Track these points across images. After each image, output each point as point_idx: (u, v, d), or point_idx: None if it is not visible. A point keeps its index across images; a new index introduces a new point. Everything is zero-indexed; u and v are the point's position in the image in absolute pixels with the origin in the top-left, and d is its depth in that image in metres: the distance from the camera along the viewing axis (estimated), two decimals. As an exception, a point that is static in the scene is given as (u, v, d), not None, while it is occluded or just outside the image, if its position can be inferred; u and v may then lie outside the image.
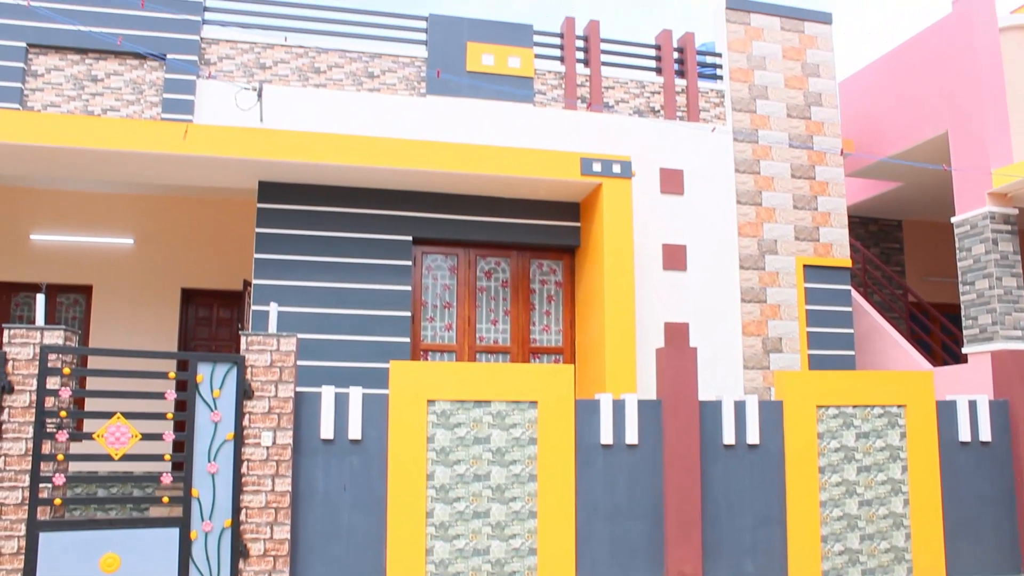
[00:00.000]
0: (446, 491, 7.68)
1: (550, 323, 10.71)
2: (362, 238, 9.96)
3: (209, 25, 10.42)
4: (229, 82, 10.12)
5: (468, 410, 7.80)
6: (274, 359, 7.54)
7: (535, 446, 7.86)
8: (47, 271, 13.21)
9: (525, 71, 11.03)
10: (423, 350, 10.25)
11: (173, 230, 13.40)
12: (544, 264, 10.82)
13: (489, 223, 10.34)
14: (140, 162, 9.47)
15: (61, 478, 7.06)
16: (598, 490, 7.96)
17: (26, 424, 7.11)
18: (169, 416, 7.37)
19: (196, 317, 13.51)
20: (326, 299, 9.79)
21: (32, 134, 8.99)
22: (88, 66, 10.14)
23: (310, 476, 7.62)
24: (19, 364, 7.18)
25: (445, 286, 10.48)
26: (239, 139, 9.22)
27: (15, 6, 9.91)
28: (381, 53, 10.68)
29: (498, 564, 7.65)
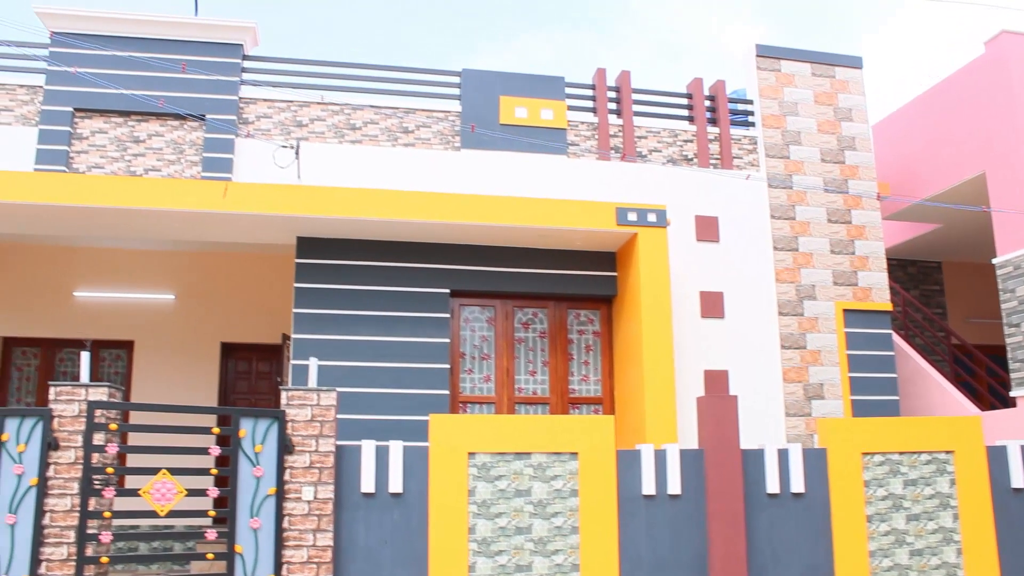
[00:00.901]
0: (488, 544, 7.62)
1: (589, 373, 10.68)
2: (400, 291, 10.03)
3: (247, 85, 10.66)
4: (267, 140, 10.31)
5: (508, 462, 7.77)
6: (314, 413, 7.57)
7: (576, 498, 7.79)
8: (90, 327, 13.42)
9: (558, 123, 11.14)
10: (462, 402, 10.24)
11: (213, 285, 13.59)
12: (581, 314, 10.82)
13: (526, 274, 10.38)
14: (181, 220, 9.65)
15: (108, 536, 7.10)
16: (641, 542, 7.86)
17: (72, 480, 7.18)
18: (213, 472, 7.41)
19: (236, 371, 13.63)
20: (365, 352, 9.84)
21: (78, 195, 9.21)
22: (131, 128, 10.39)
23: (351, 530, 7.60)
24: (65, 421, 7.28)
25: (483, 338, 10.50)
26: (277, 196, 9.37)
27: (62, 73, 10.21)
28: (415, 108, 10.85)
29: (541, 619, 7.57)
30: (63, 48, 10.33)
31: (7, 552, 7.09)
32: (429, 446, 7.68)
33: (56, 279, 13.52)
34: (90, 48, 10.29)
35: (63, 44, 10.34)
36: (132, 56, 10.35)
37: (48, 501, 7.16)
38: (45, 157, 10.07)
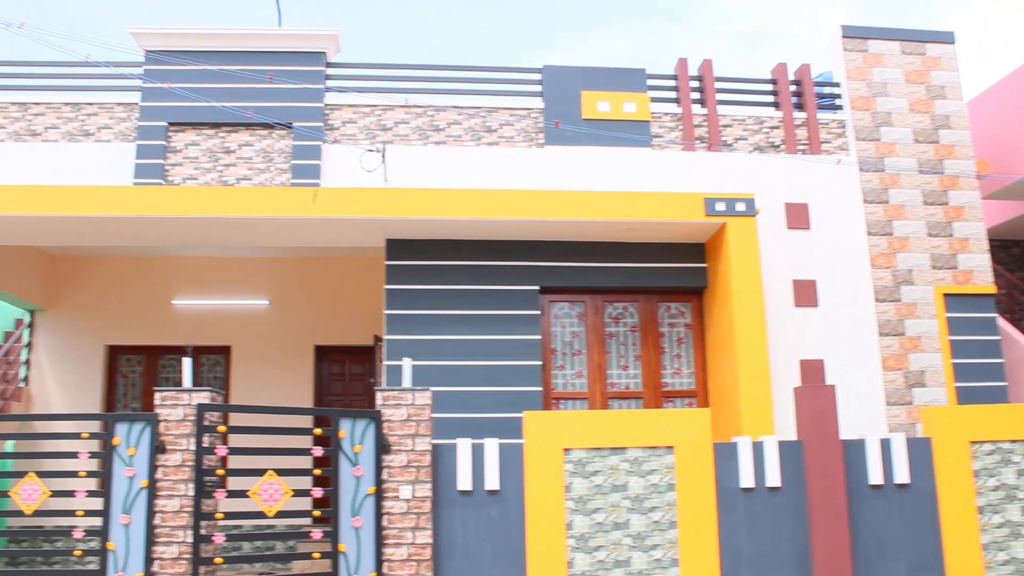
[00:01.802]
0: (585, 540, 7.61)
1: (681, 366, 10.57)
2: (489, 290, 10.09)
3: (331, 92, 10.84)
4: (353, 145, 10.48)
5: (604, 457, 7.74)
6: (410, 413, 7.67)
7: (674, 492, 7.73)
8: (189, 334, 13.85)
9: (641, 115, 11.05)
10: (554, 398, 10.25)
11: (305, 290, 13.88)
12: (672, 307, 10.71)
13: (614, 268, 10.33)
14: (273, 226, 9.87)
15: (221, 537, 7.29)
16: (741, 536, 7.75)
17: (179, 482, 7.42)
18: (316, 472, 7.56)
19: (329, 373, 13.90)
20: (457, 351, 9.93)
21: (174, 207, 9.51)
22: (221, 139, 10.67)
23: (449, 528, 7.68)
24: (170, 425, 7.52)
25: (574, 333, 10.48)
26: (366, 199, 9.52)
27: (156, 89, 10.55)
28: (497, 107, 10.89)
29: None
30: (156, 66, 10.67)
31: (123, 550, 7.37)
32: (524, 443, 7.71)
33: (156, 289, 13.99)
34: (181, 64, 10.61)
35: (156, 62, 10.69)
36: (221, 69, 10.63)
37: (158, 502, 7.40)
38: (143, 171, 10.43)
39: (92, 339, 13.95)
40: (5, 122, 10.80)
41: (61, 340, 13.98)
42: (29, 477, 7.68)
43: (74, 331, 13.98)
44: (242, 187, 10.13)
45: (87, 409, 13.57)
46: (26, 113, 10.85)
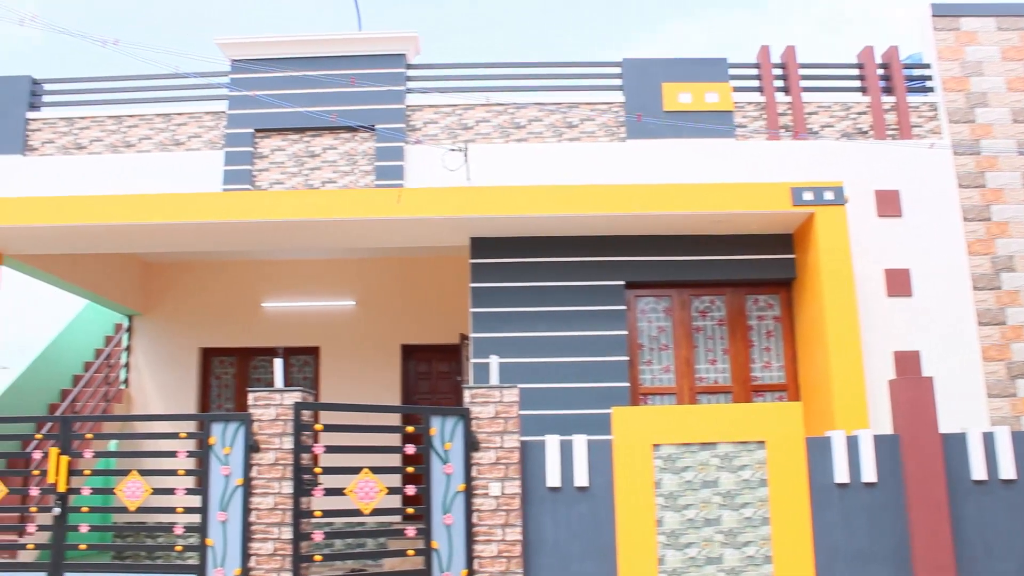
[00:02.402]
0: (676, 537, 7.54)
1: (771, 359, 10.37)
2: (574, 286, 10.06)
3: (412, 93, 10.94)
4: (435, 145, 10.55)
5: (694, 453, 7.66)
6: (498, 410, 7.69)
7: (766, 488, 7.60)
8: (279, 336, 14.16)
9: (724, 105, 10.87)
10: (642, 394, 10.17)
11: (391, 290, 14.07)
12: (760, 299, 10.52)
13: (700, 262, 10.19)
14: (358, 228, 10.02)
15: (320, 534, 7.42)
16: (837, 532, 7.58)
17: (272, 480, 7.58)
18: (409, 470, 7.64)
19: (416, 372, 14.05)
20: (543, 348, 9.93)
21: (263, 211, 9.74)
22: (306, 143, 10.86)
23: (539, 524, 7.68)
24: (264, 424, 7.69)
25: (660, 328, 10.38)
26: (450, 199, 9.59)
27: (242, 97, 10.79)
28: (578, 103, 10.83)
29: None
30: (242, 74, 10.92)
31: (221, 546, 7.57)
32: (613, 439, 7.67)
33: (246, 292, 14.34)
34: (266, 72, 10.84)
35: (242, 70, 10.94)
36: (304, 75, 10.82)
37: (253, 499, 7.58)
38: (231, 177, 10.68)
39: (187, 342, 14.37)
40: (102, 135, 11.18)
41: (158, 343, 14.44)
42: (132, 475, 7.95)
43: (170, 335, 14.42)
44: (328, 190, 10.30)
45: (183, 409, 13.99)
46: (121, 125, 11.22)
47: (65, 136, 11.21)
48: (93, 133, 11.21)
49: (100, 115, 11.28)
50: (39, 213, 9.94)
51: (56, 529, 7.97)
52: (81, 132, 11.22)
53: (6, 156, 11.07)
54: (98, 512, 8.30)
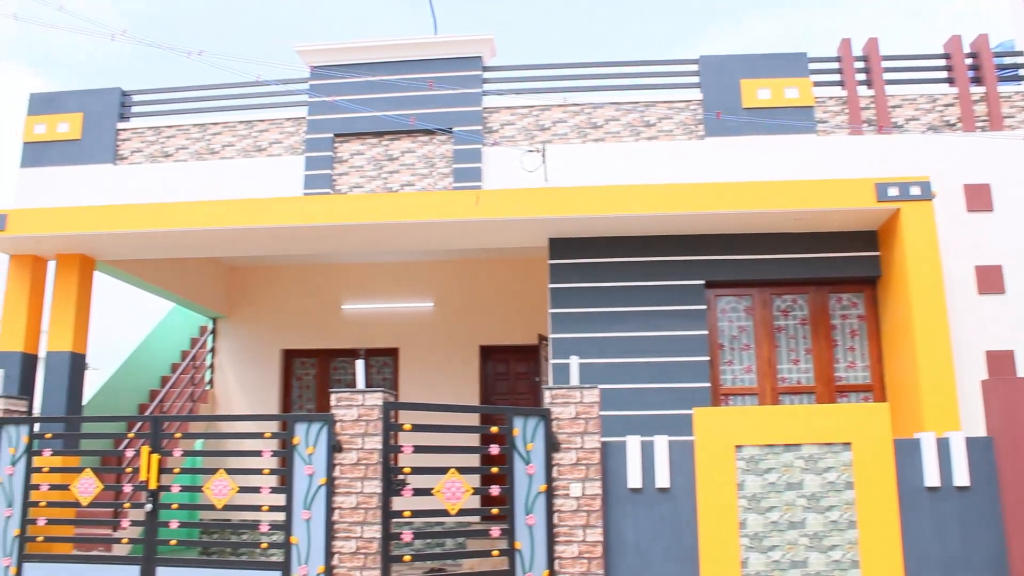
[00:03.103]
0: (760, 539, 7.42)
1: (855, 359, 10.14)
2: (654, 285, 9.98)
3: (489, 95, 10.98)
4: (512, 147, 10.58)
5: (778, 455, 7.52)
6: (578, 411, 7.67)
7: (852, 491, 7.42)
8: (358, 337, 14.37)
9: (804, 100, 10.67)
10: (723, 394, 10.04)
11: (469, 291, 14.16)
12: (844, 297, 10.28)
13: (782, 260, 10.02)
14: (437, 230, 10.10)
15: (410, 534, 7.46)
16: (927, 538, 7.36)
17: (355, 480, 7.67)
18: (494, 470, 7.66)
19: (494, 373, 14.11)
20: (622, 348, 9.87)
21: (343, 214, 9.89)
22: (385, 147, 11.00)
23: (620, 526, 7.64)
24: (346, 425, 7.79)
25: (741, 328, 10.24)
26: (528, 200, 9.61)
27: (322, 103, 10.97)
28: (655, 101, 10.74)
29: (822, 617, 7.27)
30: (321, 80, 11.11)
31: (305, 544, 7.69)
32: (694, 440, 7.59)
33: (326, 295, 14.59)
34: (344, 77, 11.00)
35: (321, 76, 11.12)
36: (382, 80, 10.95)
37: (336, 499, 7.68)
38: (312, 182, 10.86)
39: (269, 344, 14.67)
40: (187, 143, 11.48)
41: (241, 345, 14.78)
42: (220, 474, 8.13)
43: (252, 337, 14.74)
44: (406, 193, 10.42)
45: (265, 409, 14.28)
46: (205, 133, 11.50)
47: (152, 145, 11.55)
48: (179, 141, 11.52)
49: (185, 124, 11.59)
50: (129, 220, 10.25)
51: (148, 524, 8.20)
52: (168, 140, 11.54)
53: (99, 166, 11.45)
54: (185, 509, 8.51)
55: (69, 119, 11.64)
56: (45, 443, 8.88)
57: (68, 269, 11.15)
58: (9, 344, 10.85)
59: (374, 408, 7.74)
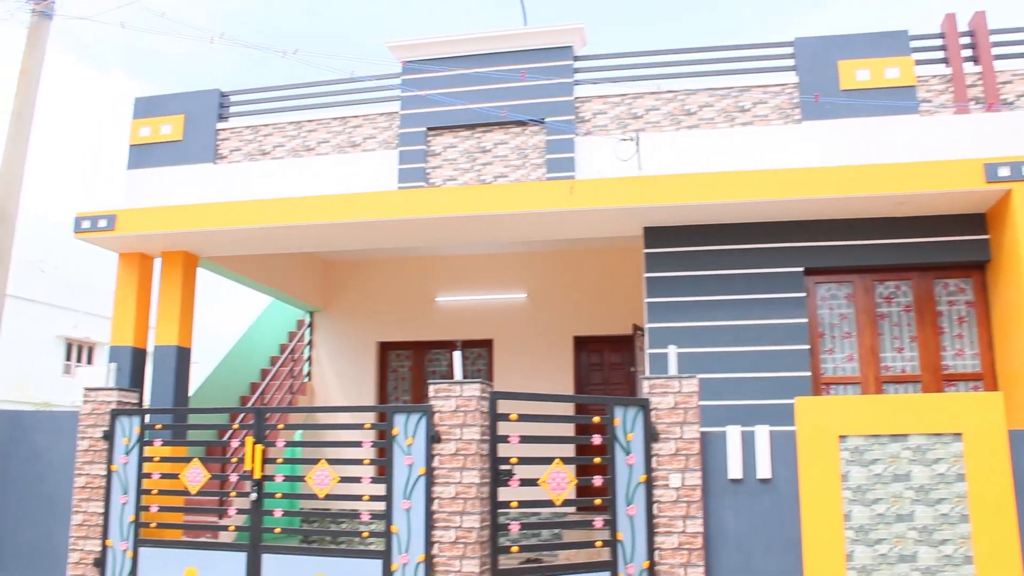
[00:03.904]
0: (866, 532, 7.23)
1: (963, 347, 9.77)
2: (751, 273, 9.80)
3: (580, 85, 10.92)
4: (604, 136, 10.50)
5: (884, 445, 7.32)
6: (677, 401, 7.60)
7: (964, 483, 7.18)
8: (452, 329, 14.50)
9: (905, 80, 10.30)
10: (824, 383, 9.80)
11: (562, 282, 14.16)
12: (950, 283, 9.92)
13: (884, 245, 9.71)
14: (531, 221, 10.10)
15: (517, 525, 7.49)
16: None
17: (454, 470, 7.75)
18: (597, 460, 7.64)
19: (588, 363, 14.08)
20: (720, 337, 9.72)
21: (437, 207, 9.97)
22: (477, 139, 11.04)
23: (720, 517, 7.55)
24: (444, 415, 7.87)
25: (842, 315, 9.97)
26: (622, 189, 9.53)
27: (414, 97, 11.08)
28: (750, 86, 10.52)
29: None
30: (413, 75, 11.21)
31: (405, 533, 7.80)
32: (796, 430, 7.44)
33: (421, 287, 14.76)
34: (436, 71, 11.08)
35: (413, 71, 11.22)
36: (473, 72, 10.99)
37: (435, 489, 7.77)
38: (406, 176, 10.98)
39: (364, 336, 14.93)
40: (284, 140, 11.72)
41: (337, 338, 15.06)
42: (322, 464, 8.31)
43: (348, 329, 15.01)
44: (500, 184, 10.44)
45: (362, 401, 14.54)
46: (300, 131, 11.73)
47: (250, 143, 11.83)
48: (275, 139, 11.77)
49: (281, 122, 11.82)
50: (229, 217, 10.53)
51: (253, 513, 8.43)
52: (264, 139, 11.80)
53: (200, 165, 11.77)
54: (286, 498, 8.72)
55: (171, 121, 12.01)
56: (155, 433, 9.22)
57: (173, 266, 11.52)
58: (120, 339, 11.27)
59: (472, 399, 7.79)
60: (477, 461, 7.72)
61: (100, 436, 9.17)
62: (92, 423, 9.25)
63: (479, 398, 7.81)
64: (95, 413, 9.26)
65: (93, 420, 9.25)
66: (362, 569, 7.91)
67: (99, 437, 9.18)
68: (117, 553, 8.89)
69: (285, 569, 8.21)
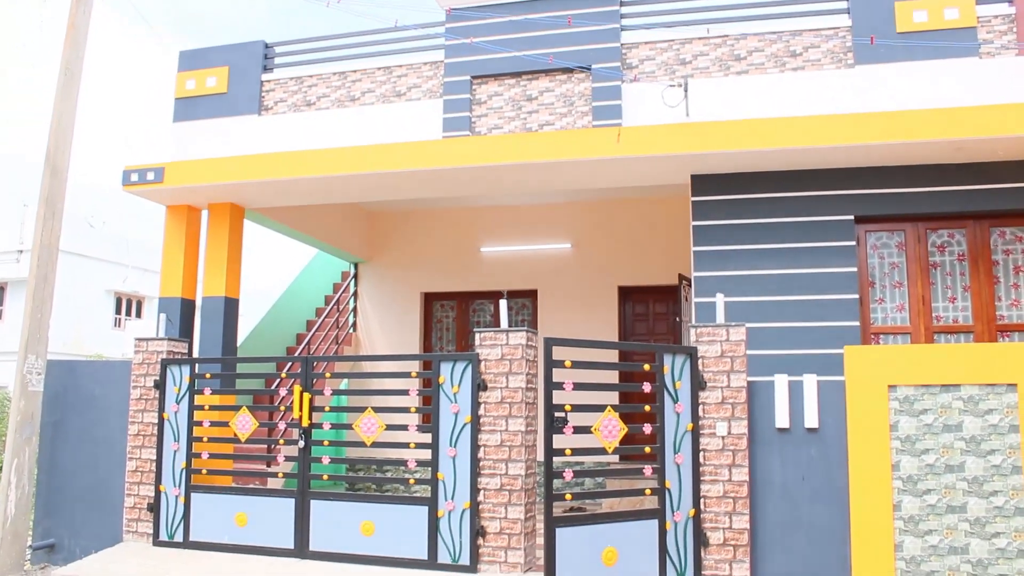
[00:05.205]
0: (914, 483, 7.16)
1: (1019, 297, 9.54)
2: (800, 222, 9.63)
3: (627, 31, 10.72)
4: (652, 83, 10.33)
5: (934, 395, 7.21)
6: (724, 349, 7.54)
7: (1017, 434, 7.06)
8: (497, 280, 14.51)
9: (966, 21, 9.95)
10: (873, 333, 9.65)
11: (607, 232, 14.07)
12: (1007, 232, 9.66)
13: (938, 193, 9.48)
14: (577, 170, 10.01)
15: (570, 473, 7.52)
16: (1102, 484, 6.95)
17: (499, 418, 7.80)
18: (647, 408, 7.60)
19: (633, 313, 14.03)
20: (767, 286, 9.60)
21: (482, 156, 9.92)
22: (523, 87, 10.92)
23: (766, 466, 7.52)
24: (490, 364, 7.90)
25: (893, 264, 9.79)
26: (670, 136, 9.39)
27: (459, 45, 10.97)
28: (801, 30, 10.26)
29: (979, 565, 6.97)
30: (457, 23, 11.08)
31: (451, 481, 7.88)
32: (845, 380, 7.35)
33: (465, 238, 14.76)
34: (481, 19, 10.94)
35: (457, 19, 11.09)
36: (518, 19, 10.84)
37: (481, 436, 7.83)
38: (450, 125, 10.91)
39: (409, 287, 15.00)
40: (328, 91, 11.70)
41: (382, 289, 15.16)
42: (368, 412, 8.40)
43: (393, 280, 15.09)
44: (546, 132, 10.34)
45: (407, 351, 14.63)
46: (345, 81, 11.68)
47: (295, 95, 11.82)
48: (320, 90, 11.75)
49: (326, 72, 11.78)
50: (275, 168, 10.57)
51: (301, 460, 8.56)
52: (309, 90, 11.79)
53: (245, 117, 11.80)
54: (334, 446, 8.85)
55: (216, 73, 12.03)
56: (204, 383, 9.37)
57: (220, 218, 11.61)
58: (169, 291, 11.43)
59: (518, 347, 7.81)
60: (523, 409, 7.75)
61: (152, 385, 9.35)
62: (144, 372, 9.43)
63: (525, 346, 7.82)
64: (146, 363, 9.44)
65: (145, 369, 9.43)
66: (408, 515, 8.03)
67: (151, 386, 9.36)
68: (170, 498, 9.10)
69: (332, 515, 8.36)
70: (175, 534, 9.02)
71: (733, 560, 7.38)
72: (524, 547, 7.64)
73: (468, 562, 7.71)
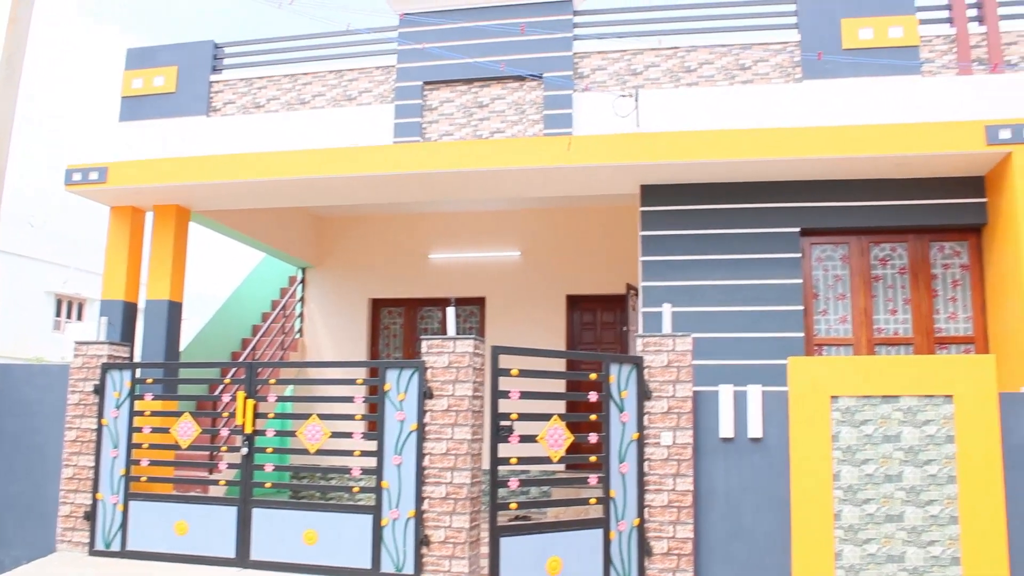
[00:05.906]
0: (854, 492, 7.27)
1: (957, 310, 9.76)
2: (747, 233, 9.76)
3: (580, 40, 10.76)
4: (603, 92, 10.38)
5: (875, 406, 7.32)
6: (670, 359, 7.58)
7: (953, 445, 7.20)
8: (445, 286, 14.46)
9: (909, 40, 10.16)
10: (817, 344, 9.80)
11: (556, 240, 14.11)
12: (946, 246, 9.88)
13: (881, 207, 9.66)
14: (527, 177, 10.03)
15: (516, 482, 7.48)
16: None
17: (445, 426, 7.74)
18: (593, 417, 7.61)
19: (581, 322, 14.08)
20: (714, 297, 9.70)
21: (433, 162, 9.91)
22: (475, 94, 10.90)
23: (710, 475, 7.57)
24: (437, 371, 7.85)
25: (837, 277, 9.95)
26: (620, 146, 9.45)
27: (411, 51, 10.92)
28: (751, 43, 10.38)
29: (915, 573, 7.09)
30: (410, 28, 11.04)
31: (396, 489, 7.80)
32: (788, 390, 7.43)
33: (414, 244, 14.71)
34: (434, 24, 10.91)
35: (410, 24, 11.05)
36: (471, 26, 10.82)
37: (426, 444, 7.76)
38: (401, 130, 10.86)
39: (356, 293, 14.89)
40: (278, 93, 11.57)
41: (329, 294, 15.03)
42: (313, 419, 8.29)
43: (340, 286, 14.97)
44: (496, 140, 10.34)
45: (354, 357, 14.51)
46: (295, 84, 11.57)
47: (244, 96, 11.67)
48: (270, 92, 11.62)
49: (276, 75, 11.65)
50: (222, 170, 10.44)
51: (244, 467, 8.43)
52: (259, 92, 11.65)
53: (193, 118, 11.62)
54: (278, 453, 8.73)
55: (164, 72, 11.84)
56: (146, 388, 9.18)
57: (165, 220, 11.43)
58: (111, 293, 11.21)
59: (465, 355, 7.77)
60: (469, 417, 7.71)
61: (91, 390, 9.15)
62: (83, 377, 9.22)
63: (472, 354, 7.78)
64: (86, 367, 9.22)
65: (84, 374, 9.22)
66: (352, 524, 7.93)
67: (90, 391, 9.15)
68: (108, 506, 8.90)
69: (275, 523, 8.23)
70: (112, 543, 8.82)
71: (676, 569, 7.42)
72: (468, 556, 7.60)
73: (412, 571, 7.64)
